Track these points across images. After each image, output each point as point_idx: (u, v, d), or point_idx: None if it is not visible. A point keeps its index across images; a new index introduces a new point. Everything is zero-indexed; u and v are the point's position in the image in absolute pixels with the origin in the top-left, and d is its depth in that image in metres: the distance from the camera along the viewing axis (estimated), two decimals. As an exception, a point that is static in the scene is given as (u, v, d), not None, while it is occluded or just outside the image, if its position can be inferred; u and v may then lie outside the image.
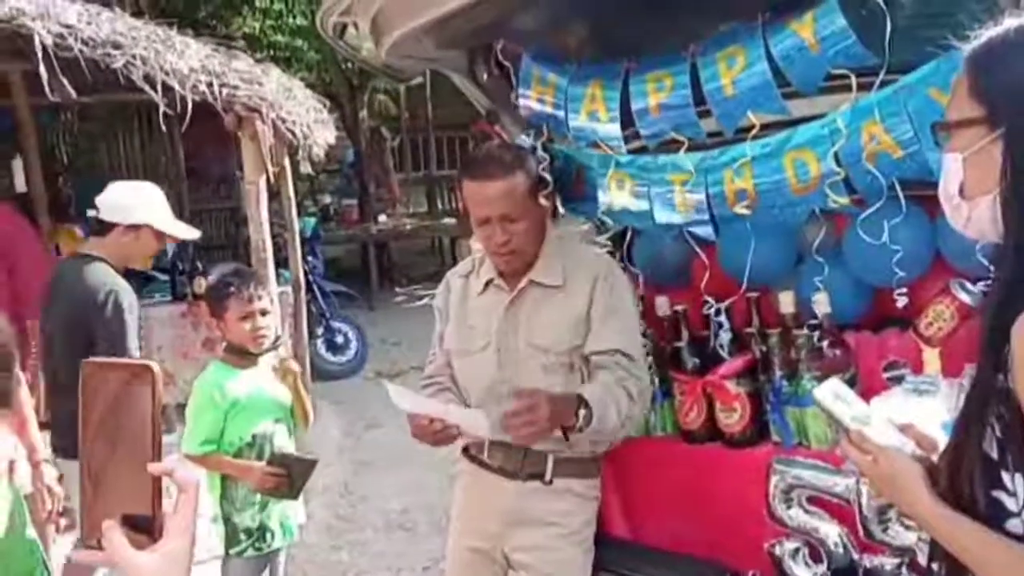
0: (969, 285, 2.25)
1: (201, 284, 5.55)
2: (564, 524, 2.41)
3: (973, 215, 1.23)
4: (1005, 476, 1.17)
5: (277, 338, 3.15)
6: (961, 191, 1.24)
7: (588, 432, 2.21)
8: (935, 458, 1.35)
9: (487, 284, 2.47)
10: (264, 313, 3.00)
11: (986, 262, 2.14)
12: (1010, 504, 1.17)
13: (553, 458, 2.38)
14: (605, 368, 2.32)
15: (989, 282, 1.25)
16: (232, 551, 2.99)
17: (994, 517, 1.19)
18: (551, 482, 2.38)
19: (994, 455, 1.18)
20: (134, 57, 4.41)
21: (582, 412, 2.18)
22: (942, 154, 1.26)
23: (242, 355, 3.02)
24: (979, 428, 1.19)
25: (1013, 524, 1.17)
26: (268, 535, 3.02)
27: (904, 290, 2.22)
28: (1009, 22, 1.19)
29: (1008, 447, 1.16)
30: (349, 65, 11.47)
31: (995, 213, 1.19)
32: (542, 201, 2.41)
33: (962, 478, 1.22)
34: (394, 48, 2.52)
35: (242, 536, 2.98)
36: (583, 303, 2.37)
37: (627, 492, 2.69)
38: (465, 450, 2.54)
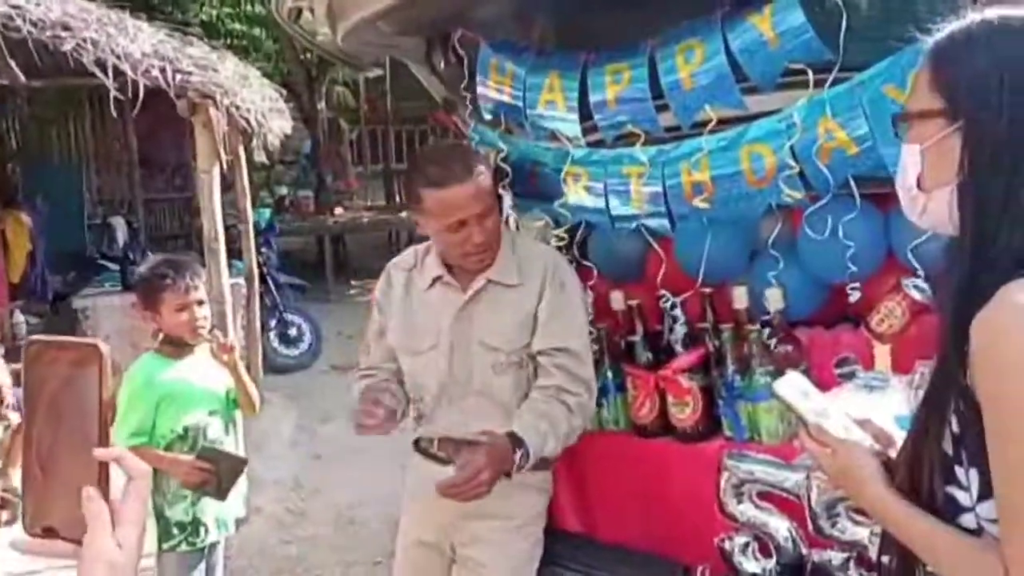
0: (920, 283, 2.27)
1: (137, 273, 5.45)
2: (514, 517, 2.39)
3: (929, 207, 1.23)
4: (959, 471, 1.17)
5: (213, 326, 3.07)
6: (919, 183, 1.23)
7: (529, 466, 2.20)
8: (892, 453, 1.36)
9: (434, 281, 2.42)
10: (200, 303, 2.93)
11: (938, 259, 2.17)
12: (963, 499, 1.17)
13: None
14: (546, 376, 2.31)
15: (944, 278, 1.23)
16: (165, 546, 2.91)
17: (948, 512, 1.19)
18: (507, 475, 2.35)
19: (949, 451, 1.18)
20: (84, 40, 4.32)
21: (519, 452, 2.16)
22: (902, 145, 1.26)
23: (177, 346, 2.95)
24: (939, 424, 1.19)
25: (967, 519, 1.17)
26: (202, 529, 2.95)
27: (856, 285, 2.23)
28: (972, 16, 1.19)
29: (963, 443, 1.16)
30: (308, 55, 11.36)
31: (952, 205, 1.18)
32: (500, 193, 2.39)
33: (921, 473, 1.22)
34: (350, 34, 2.49)
35: (175, 530, 2.91)
36: (534, 300, 2.34)
37: (579, 486, 2.68)
38: (416, 443, 2.52)
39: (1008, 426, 1.08)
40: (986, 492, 1.14)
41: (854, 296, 2.21)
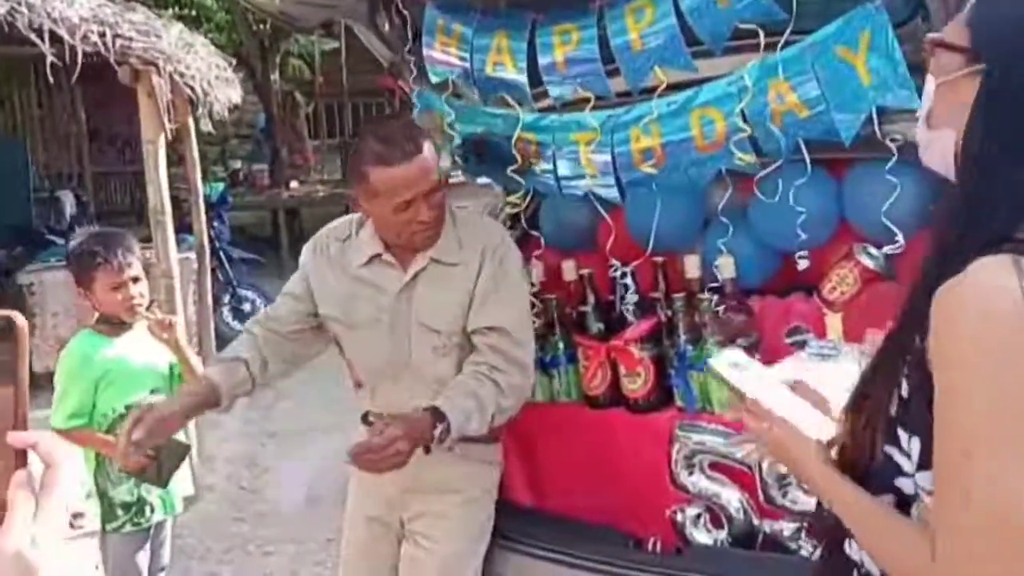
0: (873, 250, 2.25)
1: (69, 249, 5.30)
2: (461, 490, 2.35)
3: (932, 146, 1.19)
4: (901, 434, 1.14)
5: (152, 302, 2.96)
6: (928, 118, 1.19)
7: (449, 442, 2.14)
8: (826, 415, 1.35)
9: (372, 258, 2.33)
10: (136, 280, 2.82)
11: (892, 226, 2.15)
12: (904, 464, 1.15)
13: None
14: (479, 353, 2.24)
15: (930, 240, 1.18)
16: (109, 527, 2.83)
17: (887, 473, 1.16)
18: (450, 448, 2.29)
19: (893, 412, 1.15)
20: (19, 3, 4.14)
21: (440, 427, 2.11)
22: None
23: (114, 324, 2.85)
24: (888, 385, 1.16)
25: (904, 483, 1.15)
26: (147, 509, 2.87)
27: (805, 253, 2.20)
28: None
29: (909, 407, 1.13)
30: (261, 26, 11.16)
31: (948, 149, 1.14)
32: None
33: (864, 433, 1.19)
34: (290, -7, 2.40)
35: (119, 511, 2.83)
36: (473, 278, 2.27)
37: (530, 459, 2.64)
38: (364, 417, 2.45)
39: (953, 400, 1.04)
40: (926, 463, 1.11)
41: (802, 264, 2.18)
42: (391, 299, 2.29)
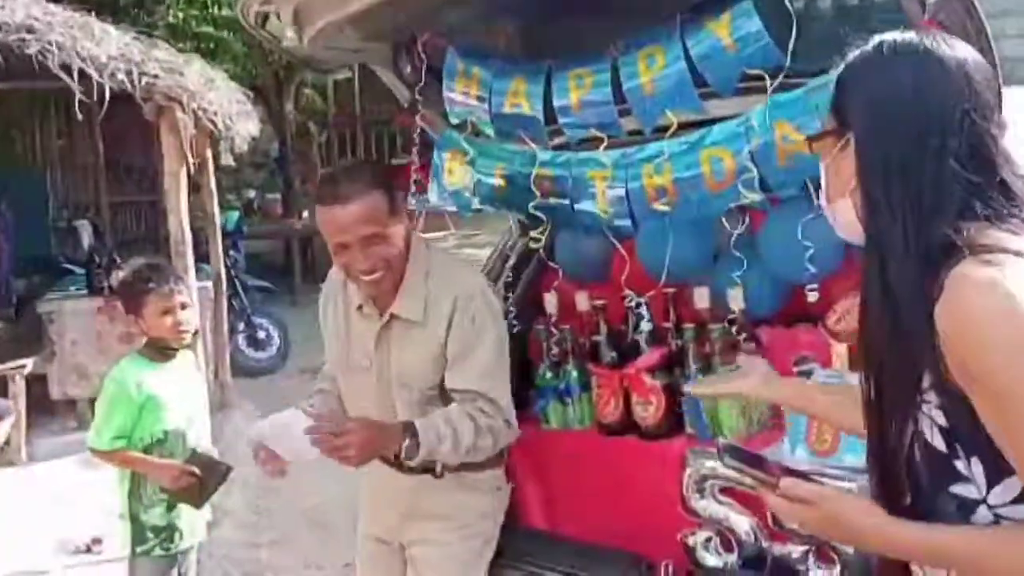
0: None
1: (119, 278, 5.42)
2: (456, 518, 2.38)
3: (836, 217, 1.34)
4: (959, 465, 1.16)
5: (196, 331, 3.08)
6: (827, 196, 1.35)
7: (419, 460, 2.17)
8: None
9: (360, 305, 2.35)
10: (184, 306, 2.94)
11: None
12: (971, 492, 1.16)
13: None
14: (456, 403, 2.27)
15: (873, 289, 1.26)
16: (139, 550, 2.91)
17: (957, 514, 1.17)
18: (441, 475, 2.33)
19: (943, 448, 1.17)
20: (50, 43, 4.29)
21: (409, 441, 2.13)
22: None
23: (161, 350, 2.96)
24: (906, 428, 1.20)
25: (980, 514, 1.16)
26: (176, 535, 2.95)
27: (815, 286, 2.28)
28: (876, 38, 1.27)
29: (956, 435, 1.16)
30: (276, 58, 11.30)
31: (850, 215, 1.29)
32: (405, 217, 2.28)
33: (912, 484, 1.21)
34: (317, 39, 2.50)
35: (149, 535, 2.91)
36: (441, 336, 2.24)
37: (544, 484, 2.71)
38: None
39: (1011, 399, 1.08)
40: (994, 477, 1.14)
41: (812, 297, 2.26)
42: (373, 349, 2.33)
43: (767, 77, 2.15)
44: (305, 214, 11.96)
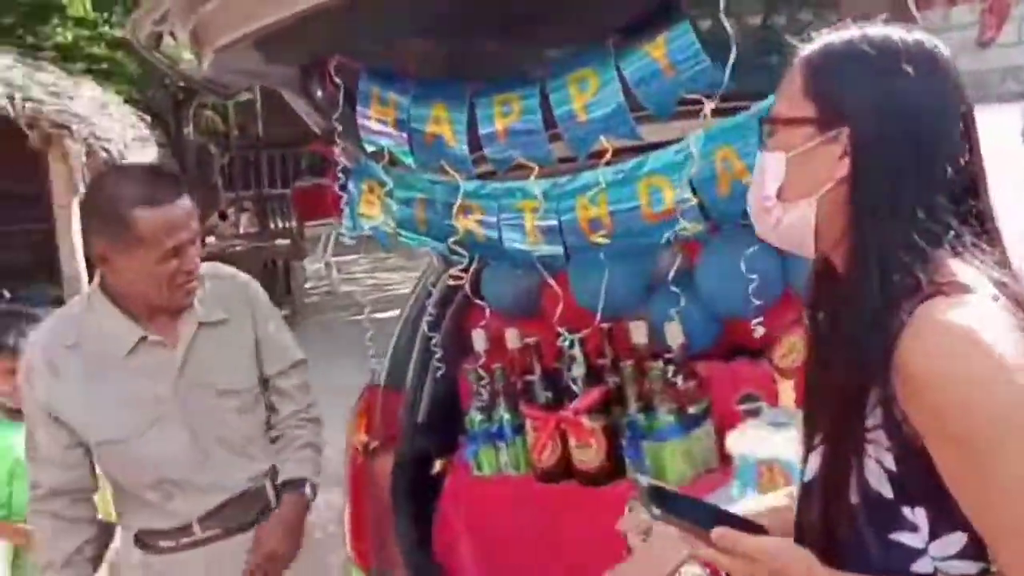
0: (821, 315, 2.24)
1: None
2: None
3: (786, 220, 1.18)
4: (906, 511, 1.10)
5: None
6: (780, 192, 1.18)
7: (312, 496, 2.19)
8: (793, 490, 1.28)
9: (138, 343, 2.00)
10: None
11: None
12: (914, 542, 1.10)
13: None
14: (285, 400, 2.20)
15: (836, 309, 1.16)
16: None
17: (898, 562, 1.11)
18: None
19: (888, 494, 1.10)
20: (-81, 66, 3.96)
21: (308, 492, 2.16)
22: (761, 153, 1.20)
23: (17, 410, 2.64)
24: (852, 471, 1.11)
25: (921, 564, 1.10)
26: None
27: (760, 319, 2.18)
28: (847, 31, 1.16)
29: (904, 481, 1.09)
30: (172, 80, 10.94)
31: (810, 220, 1.15)
32: None
33: (850, 528, 1.13)
34: (217, 61, 2.29)
35: None
36: (249, 329, 2.15)
37: (479, 535, 2.56)
38: (145, 536, 2.11)
39: (987, 445, 1.01)
40: (938, 529, 1.08)
41: (758, 332, 2.15)
42: (171, 384, 2.02)
43: (705, 101, 2.04)
44: (209, 239, 11.58)
